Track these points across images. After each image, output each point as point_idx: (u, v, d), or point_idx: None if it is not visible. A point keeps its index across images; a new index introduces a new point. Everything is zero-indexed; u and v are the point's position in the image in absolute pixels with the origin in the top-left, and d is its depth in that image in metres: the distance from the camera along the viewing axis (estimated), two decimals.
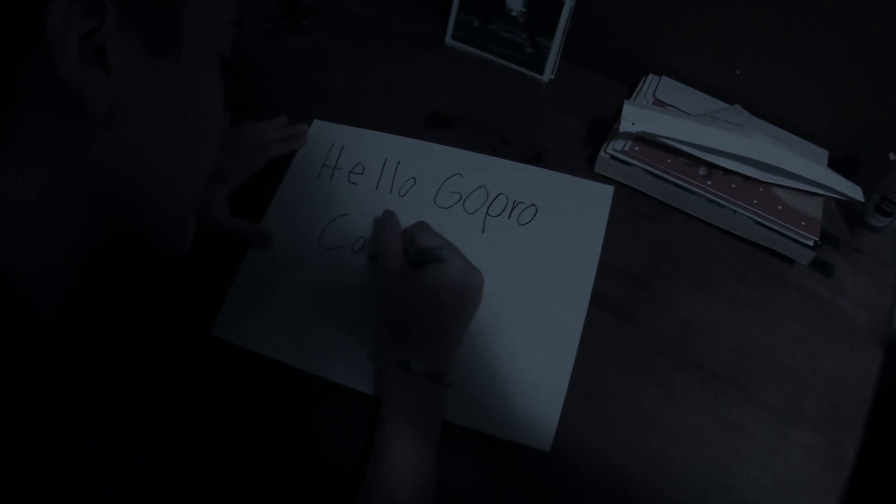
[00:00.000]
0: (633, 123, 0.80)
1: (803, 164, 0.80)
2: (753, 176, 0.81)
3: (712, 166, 0.81)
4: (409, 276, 0.70)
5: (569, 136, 0.89)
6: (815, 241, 0.77)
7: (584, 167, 0.85)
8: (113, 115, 0.42)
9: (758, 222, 0.78)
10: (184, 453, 0.68)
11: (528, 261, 0.77)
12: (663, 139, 0.80)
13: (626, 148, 0.82)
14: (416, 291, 0.69)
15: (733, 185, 0.81)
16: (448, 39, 0.99)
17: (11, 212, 0.40)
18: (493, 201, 0.81)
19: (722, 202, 0.79)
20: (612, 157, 0.82)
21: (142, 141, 0.45)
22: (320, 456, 0.68)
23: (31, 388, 0.36)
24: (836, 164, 0.86)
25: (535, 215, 0.80)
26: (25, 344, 0.37)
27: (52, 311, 0.46)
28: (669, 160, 0.81)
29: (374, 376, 0.70)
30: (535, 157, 0.86)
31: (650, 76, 0.93)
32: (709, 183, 0.81)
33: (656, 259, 0.79)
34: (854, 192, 0.79)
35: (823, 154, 0.88)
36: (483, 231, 0.79)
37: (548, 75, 0.95)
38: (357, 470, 0.65)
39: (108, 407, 0.40)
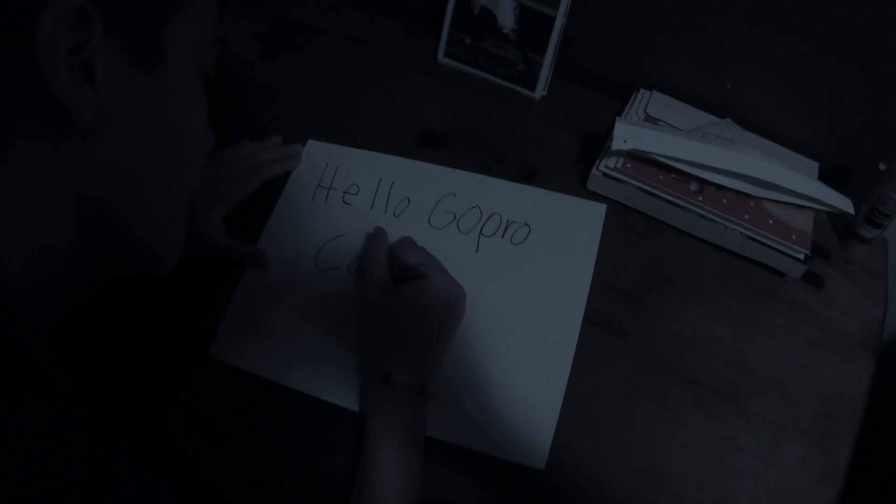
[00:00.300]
0: (625, 141, 0.81)
1: (794, 178, 0.81)
2: (745, 191, 0.82)
3: (704, 182, 0.82)
4: (392, 291, 0.71)
5: (561, 152, 0.90)
6: (806, 255, 0.78)
7: (577, 184, 0.86)
8: (99, 128, 0.43)
9: (749, 237, 0.79)
10: (181, 472, 0.68)
11: (521, 280, 0.78)
12: (655, 156, 0.81)
13: (619, 165, 0.83)
14: (400, 306, 0.70)
15: (725, 201, 0.82)
16: (440, 57, 0.99)
17: (2, 225, 0.41)
18: (486, 221, 0.82)
19: (714, 218, 0.80)
20: (605, 175, 0.83)
21: (126, 155, 0.46)
22: (316, 474, 0.68)
23: (30, 404, 0.36)
24: (826, 176, 0.87)
25: (528, 234, 0.81)
26: (22, 361, 0.38)
27: (47, 328, 0.46)
28: (661, 177, 0.82)
29: (359, 389, 0.71)
30: (527, 175, 0.87)
31: (641, 91, 0.94)
32: (700, 199, 0.81)
33: (649, 275, 0.80)
34: (844, 204, 0.80)
35: (814, 166, 0.89)
36: (477, 251, 0.80)
37: (540, 92, 0.96)
38: (351, 488, 0.66)
39: (108, 423, 0.40)
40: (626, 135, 0.81)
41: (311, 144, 0.90)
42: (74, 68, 0.40)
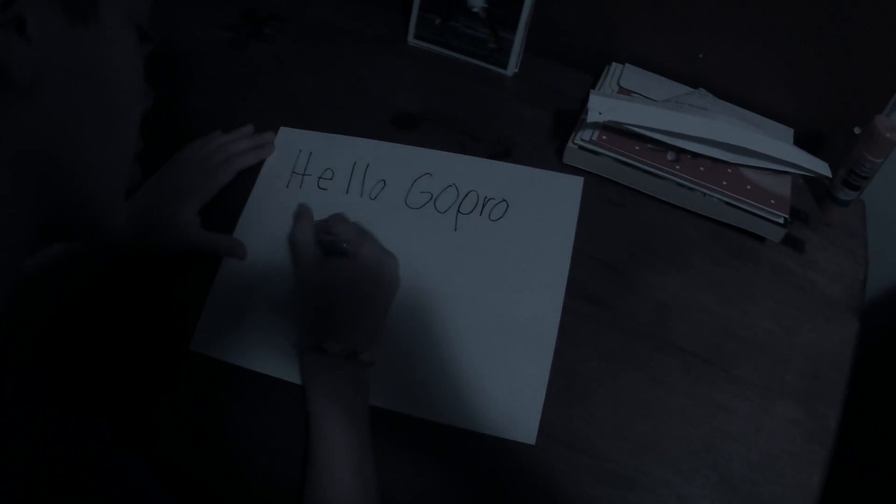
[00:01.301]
0: (600, 113, 0.80)
1: (770, 143, 0.80)
2: (721, 158, 0.81)
3: (680, 151, 0.82)
4: (321, 264, 0.73)
5: (536, 128, 0.89)
6: (786, 219, 0.78)
7: (553, 159, 0.85)
8: (34, 83, 0.41)
9: (728, 203, 0.79)
10: (165, 468, 0.67)
11: (502, 256, 0.78)
12: (631, 127, 0.81)
13: (594, 137, 0.83)
14: (328, 277, 0.72)
15: (702, 169, 0.81)
16: (411, 39, 0.99)
17: None
18: (463, 199, 0.82)
19: (691, 186, 0.80)
20: (581, 148, 0.82)
21: (63, 110, 0.44)
22: (300, 462, 0.67)
23: (1, 387, 0.36)
24: (801, 141, 0.87)
25: (506, 210, 0.81)
26: None
27: (3, 306, 0.45)
28: (637, 147, 0.82)
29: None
30: (503, 153, 0.86)
31: (613, 65, 0.94)
32: (677, 167, 0.81)
33: (630, 245, 0.80)
34: (821, 168, 0.80)
35: (789, 132, 0.89)
36: (456, 229, 0.79)
37: (512, 69, 0.95)
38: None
39: (83, 406, 0.40)
40: (601, 107, 0.81)
41: (284, 132, 0.88)
42: (6, 23, 0.39)
